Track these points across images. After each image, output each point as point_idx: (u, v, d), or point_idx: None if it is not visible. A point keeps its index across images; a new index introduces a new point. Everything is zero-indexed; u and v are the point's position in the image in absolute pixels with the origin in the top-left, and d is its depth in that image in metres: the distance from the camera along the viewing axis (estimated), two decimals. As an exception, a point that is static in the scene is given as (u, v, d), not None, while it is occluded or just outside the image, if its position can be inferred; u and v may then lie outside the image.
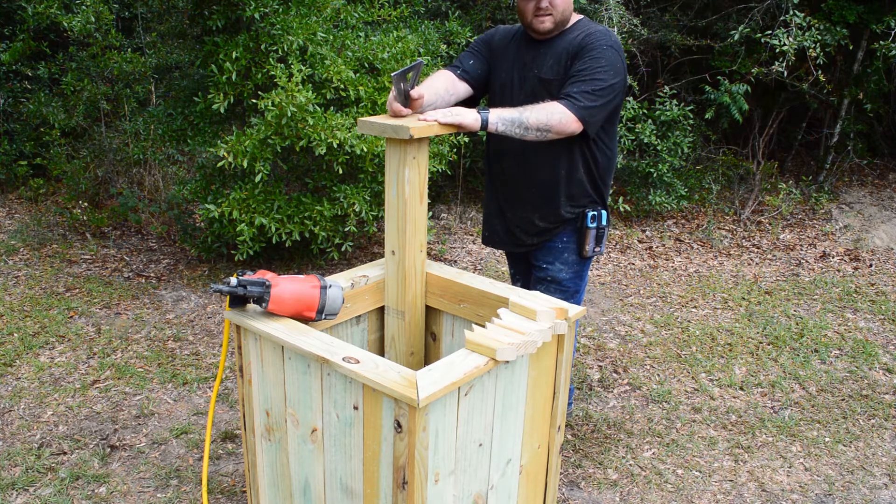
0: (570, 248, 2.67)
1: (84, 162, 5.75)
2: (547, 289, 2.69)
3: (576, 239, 2.66)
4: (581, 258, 2.68)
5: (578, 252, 2.67)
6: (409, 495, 1.76)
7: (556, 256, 2.68)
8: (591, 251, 2.65)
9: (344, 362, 1.79)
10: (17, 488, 2.71)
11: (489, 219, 2.83)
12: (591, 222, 2.61)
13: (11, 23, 6.30)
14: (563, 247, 2.67)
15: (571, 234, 2.65)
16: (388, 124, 2.16)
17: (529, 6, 2.44)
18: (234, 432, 3.09)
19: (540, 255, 2.71)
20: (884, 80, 5.96)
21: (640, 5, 6.15)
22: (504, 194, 2.70)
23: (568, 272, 2.69)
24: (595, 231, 2.63)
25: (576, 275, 2.71)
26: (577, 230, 2.65)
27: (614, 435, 3.17)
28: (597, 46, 2.40)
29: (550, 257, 2.68)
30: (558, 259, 2.68)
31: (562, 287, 2.69)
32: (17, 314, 4.07)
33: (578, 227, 2.64)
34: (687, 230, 5.83)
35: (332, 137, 3.96)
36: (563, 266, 2.68)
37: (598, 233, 2.64)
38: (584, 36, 2.44)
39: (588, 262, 2.73)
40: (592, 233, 2.63)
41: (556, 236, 2.66)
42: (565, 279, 2.69)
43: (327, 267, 4.86)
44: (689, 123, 5.70)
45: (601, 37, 2.42)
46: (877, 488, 2.90)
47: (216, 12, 4.09)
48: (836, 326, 4.30)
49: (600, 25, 2.52)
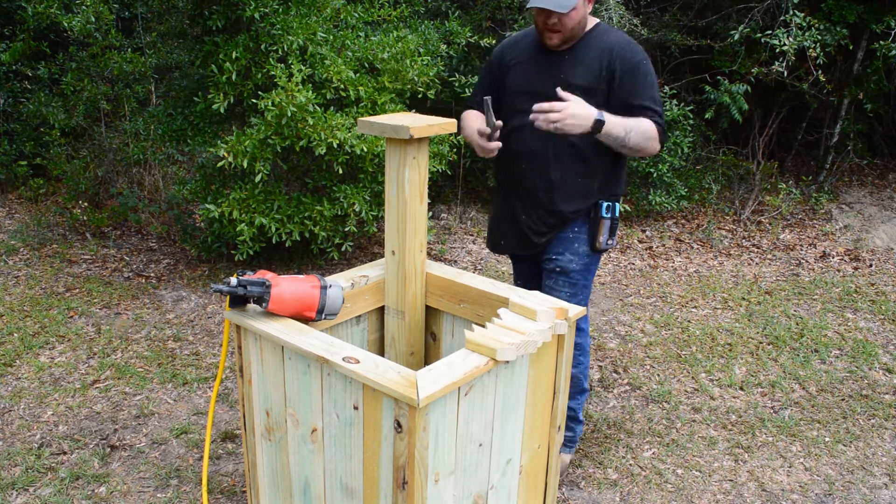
0: (582, 239, 2.59)
1: (84, 162, 5.75)
2: (555, 281, 2.61)
3: (588, 229, 2.58)
4: (593, 250, 2.60)
5: (591, 243, 2.59)
6: (409, 495, 1.76)
7: (567, 247, 2.60)
8: (605, 243, 2.58)
9: (344, 362, 1.79)
10: (17, 488, 2.71)
11: (498, 224, 2.76)
12: (605, 212, 2.55)
13: (11, 23, 6.30)
14: (574, 237, 2.59)
15: (584, 224, 2.59)
16: (388, 124, 2.16)
17: (540, 19, 2.43)
18: (234, 432, 3.09)
19: (550, 245, 2.64)
20: (884, 80, 5.96)
21: (640, 5, 6.15)
22: (519, 196, 2.63)
23: (578, 263, 2.60)
24: (610, 222, 2.56)
25: (585, 268, 2.62)
26: (590, 220, 2.57)
27: (614, 435, 3.17)
28: (637, 63, 2.43)
29: (561, 247, 2.61)
30: (568, 249, 2.60)
31: (570, 279, 2.61)
32: (17, 314, 4.07)
33: (592, 217, 2.57)
34: (687, 230, 5.83)
35: (332, 137, 3.96)
36: (573, 257, 2.60)
37: (612, 224, 2.57)
38: (619, 48, 2.43)
39: (598, 256, 2.66)
40: (607, 223, 2.56)
41: (567, 226, 2.60)
42: (574, 271, 2.61)
43: (327, 267, 4.86)
44: (689, 123, 5.70)
45: (636, 50, 2.45)
46: (877, 488, 2.90)
47: (216, 12, 4.09)
48: (836, 326, 4.30)
49: (620, 31, 2.52)
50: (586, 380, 2.84)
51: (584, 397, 2.87)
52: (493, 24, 5.93)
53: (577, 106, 2.25)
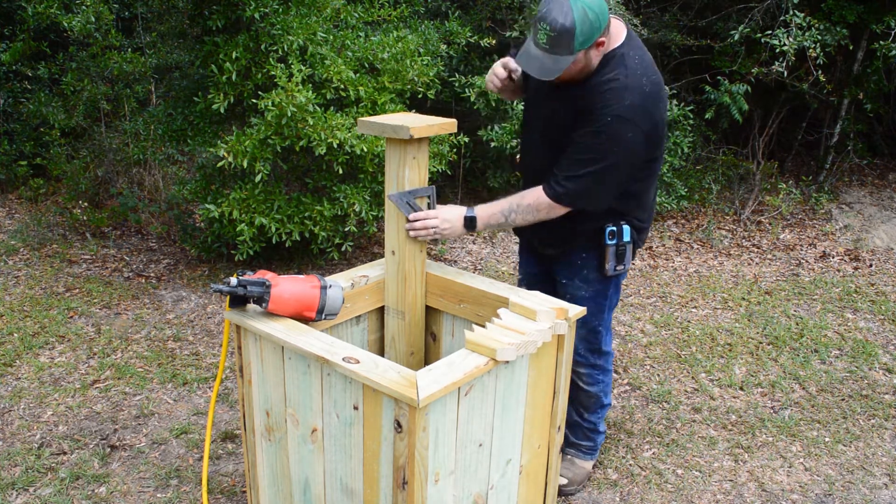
0: (591, 266, 2.47)
1: (84, 162, 5.75)
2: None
3: (595, 255, 2.45)
4: (603, 276, 2.48)
5: (599, 269, 2.47)
6: (409, 495, 1.76)
7: (576, 273, 2.50)
8: (613, 269, 2.44)
9: (344, 362, 1.79)
10: (17, 488, 2.71)
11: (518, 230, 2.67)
12: (609, 239, 2.40)
13: (11, 23, 6.30)
14: (583, 263, 2.48)
15: (590, 251, 2.45)
16: (388, 124, 2.16)
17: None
18: (234, 432, 3.09)
19: (560, 270, 2.55)
20: (884, 80, 5.96)
21: (640, 5, 6.15)
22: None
23: (588, 290, 2.50)
24: (615, 248, 2.41)
25: (597, 293, 2.51)
26: (595, 247, 2.44)
27: (614, 435, 3.17)
28: (600, 118, 2.15)
29: (570, 273, 2.52)
30: (577, 276, 2.50)
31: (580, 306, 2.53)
32: (17, 314, 4.07)
33: (597, 244, 2.43)
34: (687, 230, 5.83)
35: (332, 137, 3.96)
36: (582, 283, 2.50)
37: (617, 250, 2.41)
38: (597, 92, 2.17)
39: (612, 281, 2.53)
40: (611, 250, 2.41)
41: (574, 252, 2.48)
42: (585, 298, 2.50)
43: (327, 267, 4.86)
44: (689, 123, 5.70)
45: (612, 99, 2.14)
46: (877, 488, 2.90)
47: (216, 12, 4.09)
48: (836, 326, 4.30)
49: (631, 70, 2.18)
50: (607, 396, 2.77)
51: (604, 411, 2.81)
52: (493, 24, 5.93)
53: (447, 210, 2.32)
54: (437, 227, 2.29)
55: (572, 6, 2.00)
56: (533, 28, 2.08)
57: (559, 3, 2.01)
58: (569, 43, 2.03)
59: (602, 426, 2.83)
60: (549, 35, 2.02)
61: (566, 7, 2.00)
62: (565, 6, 2.00)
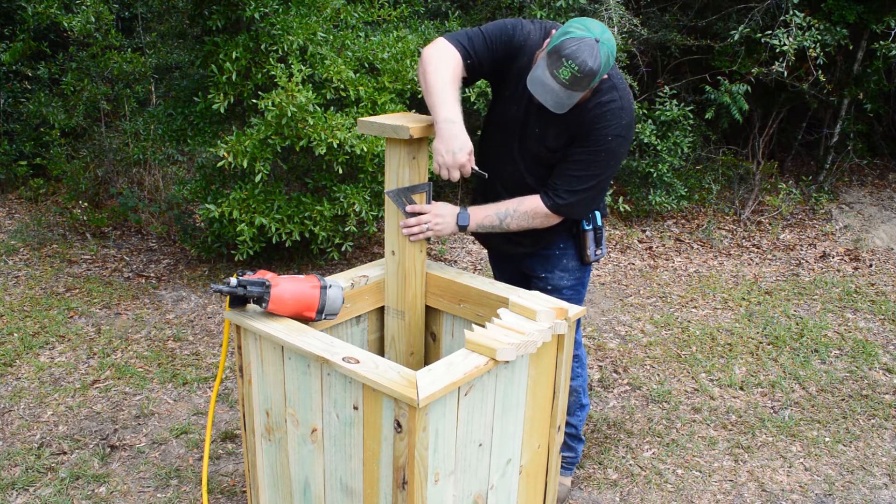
0: (570, 254, 2.52)
1: (84, 162, 5.75)
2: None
3: (574, 244, 2.51)
4: (583, 264, 2.53)
5: (579, 258, 2.53)
6: (409, 495, 1.76)
7: (555, 264, 2.54)
8: (594, 255, 2.51)
9: (344, 362, 1.79)
10: (17, 488, 2.71)
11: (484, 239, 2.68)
12: (587, 224, 2.47)
13: (11, 23, 6.30)
14: (561, 253, 2.52)
15: (568, 240, 2.50)
16: (388, 124, 2.16)
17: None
18: (234, 432, 3.09)
19: (536, 265, 2.56)
20: (884, 80, 5.96)
21: (640, 5, 6.15)
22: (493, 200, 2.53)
23: (569, 279, 2.54)
24: (593, 233, 2.48)
25: (578, 282, 2.57)
26: (573, 235, 2.50)
27: (614, 435, 3.17)
28: (601, 138, 2.21)
29: (549, 266, 2.54)
30: (557, 267, 2.54)
31: (563, 296, 2.54)
32: (17, 314, 4.07)
33: (574, 233, 2.49)
34: (687, 230, 5.83)
35: (332, 137, 3.96)
36: (563, 273, 2.54)
37: (595, 234, 2.49)
38: (596, 114, 2.20)
39: (589, 268, 2.61)
40: (590, 235, 2.48)
41: (551, 244, 2.52)
42: (566, 287, 2.54)
43: (327, 267, 4.86)
44: (689, 123, 5.70)
45: (612, 120, 2.21)
46: (877, 488, 2.90)
47: (216, 12, 4.09)
48: (836, 326, 4.30)
49: (622, 92, 2.25)
50: (585, 394, 2.76)
51: (584, 413, 2.77)
52: (493, 25, 5.92)
53: (440, 206, 2.31)
54: (431, 223, 2.28)
55: (601, 51, 2.01)
56: (552, 60, 2.03)
57: (589, 46, 2.00)
58: (589, 83, 2.06)
59: (581, 432, 2.78)
60: (575, 75, 2.02)
61: (596, 51, 2.00)
62: (595, 49, 2.00)
